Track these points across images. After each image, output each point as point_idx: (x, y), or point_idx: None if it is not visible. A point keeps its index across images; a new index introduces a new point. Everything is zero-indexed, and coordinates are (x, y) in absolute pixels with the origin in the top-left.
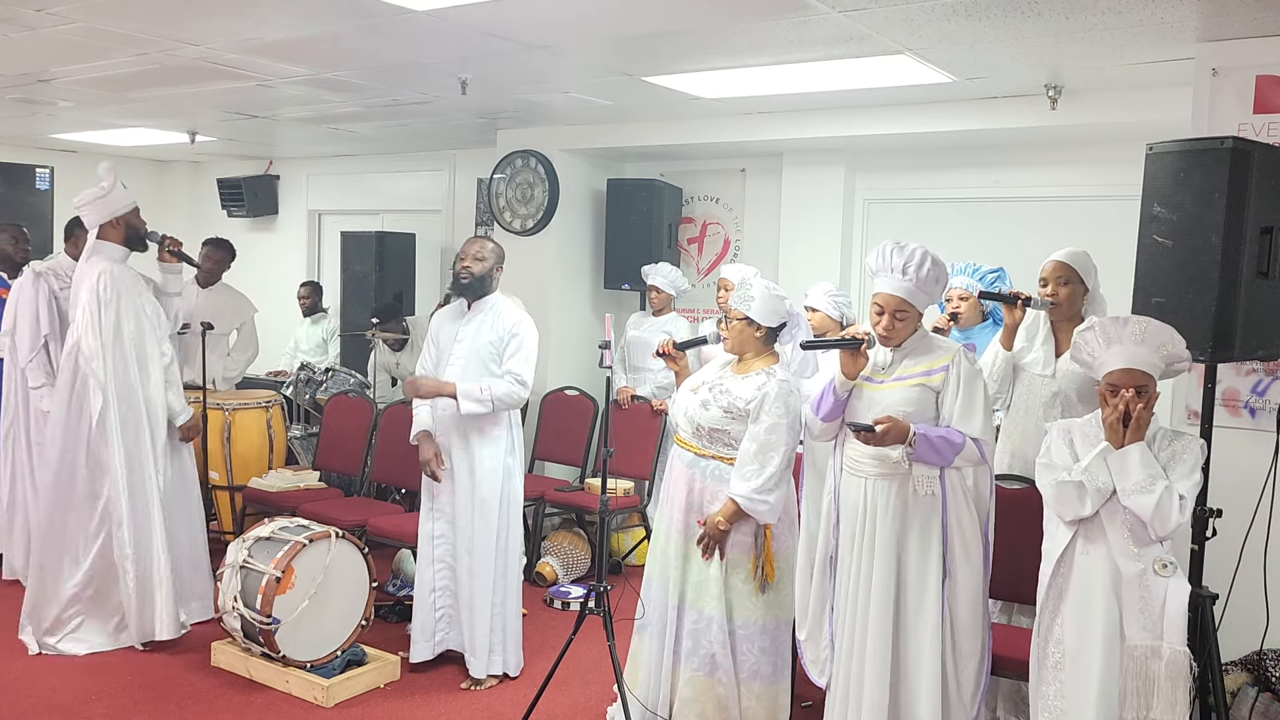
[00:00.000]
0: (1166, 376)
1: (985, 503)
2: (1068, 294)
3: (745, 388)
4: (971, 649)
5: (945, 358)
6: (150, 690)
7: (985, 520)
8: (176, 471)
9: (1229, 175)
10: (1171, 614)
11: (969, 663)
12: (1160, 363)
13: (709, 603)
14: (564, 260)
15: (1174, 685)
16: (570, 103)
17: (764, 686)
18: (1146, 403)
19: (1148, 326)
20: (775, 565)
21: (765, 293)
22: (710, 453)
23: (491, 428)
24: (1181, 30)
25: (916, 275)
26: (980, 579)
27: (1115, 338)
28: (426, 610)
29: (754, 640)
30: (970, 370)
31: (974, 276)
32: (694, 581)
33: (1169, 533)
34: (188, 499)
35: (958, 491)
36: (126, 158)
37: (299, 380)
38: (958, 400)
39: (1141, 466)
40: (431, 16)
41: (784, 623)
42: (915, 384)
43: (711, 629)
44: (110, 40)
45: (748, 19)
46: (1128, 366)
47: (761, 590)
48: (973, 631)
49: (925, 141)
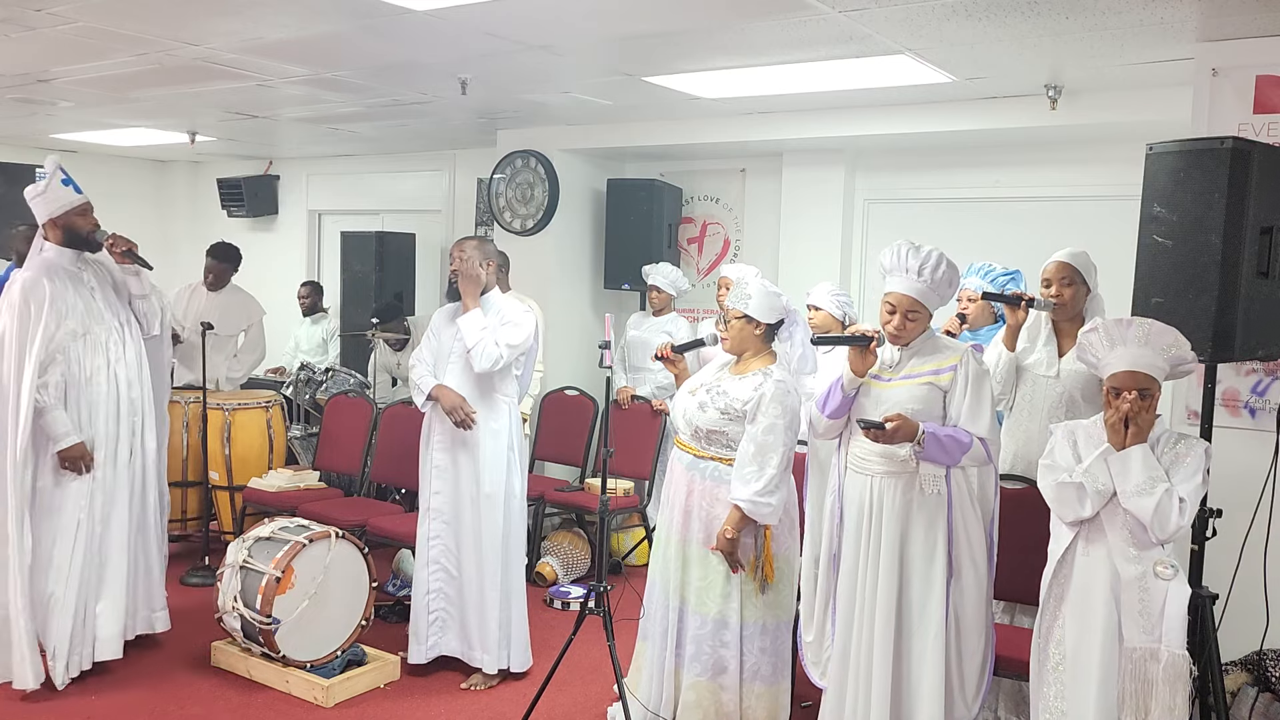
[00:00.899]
0: (1171, 378)
1: (990, 503)
2: (1072, 294)
3: (742, 388)
4: (975, 648)
5: (953, 358)
6: (150, 690)
7: (990, 520)
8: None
9: (1229, 175)
10: (1171, 617)
11: (972, 662)
12: (1165, 365)
13: (713, 605)
14: (564, 260)
15: (1172, 688)
16: (570, 103)
17: (765, 687)
18: (1149, 405)
19: (1151, 328)
20: (775, 566)
21: (762, 290)
22: (709, 454)
23: (493, 422)
24: (1181, 30)
25: (931, 277)
26: (985, 579)
27: (1119, 339)
28: (421, 614)
29: (754, 640)
30: (978, 371)
31: (986, 278)
32: (695, 586)
33: (1169, 536)
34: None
35: (963, 491)
36: (126, 158)
37: (299, 380)
38: (965, 400)
39: (1143, 469)
40: (431, 16)
41: (784, 623)
42: (923, 383)
43: (717, 632)
44: (110, 40)
45: (748, 19)
46: (1131, 369)
47: (761, 590)
48: (977, 631)
49: (925, 141)
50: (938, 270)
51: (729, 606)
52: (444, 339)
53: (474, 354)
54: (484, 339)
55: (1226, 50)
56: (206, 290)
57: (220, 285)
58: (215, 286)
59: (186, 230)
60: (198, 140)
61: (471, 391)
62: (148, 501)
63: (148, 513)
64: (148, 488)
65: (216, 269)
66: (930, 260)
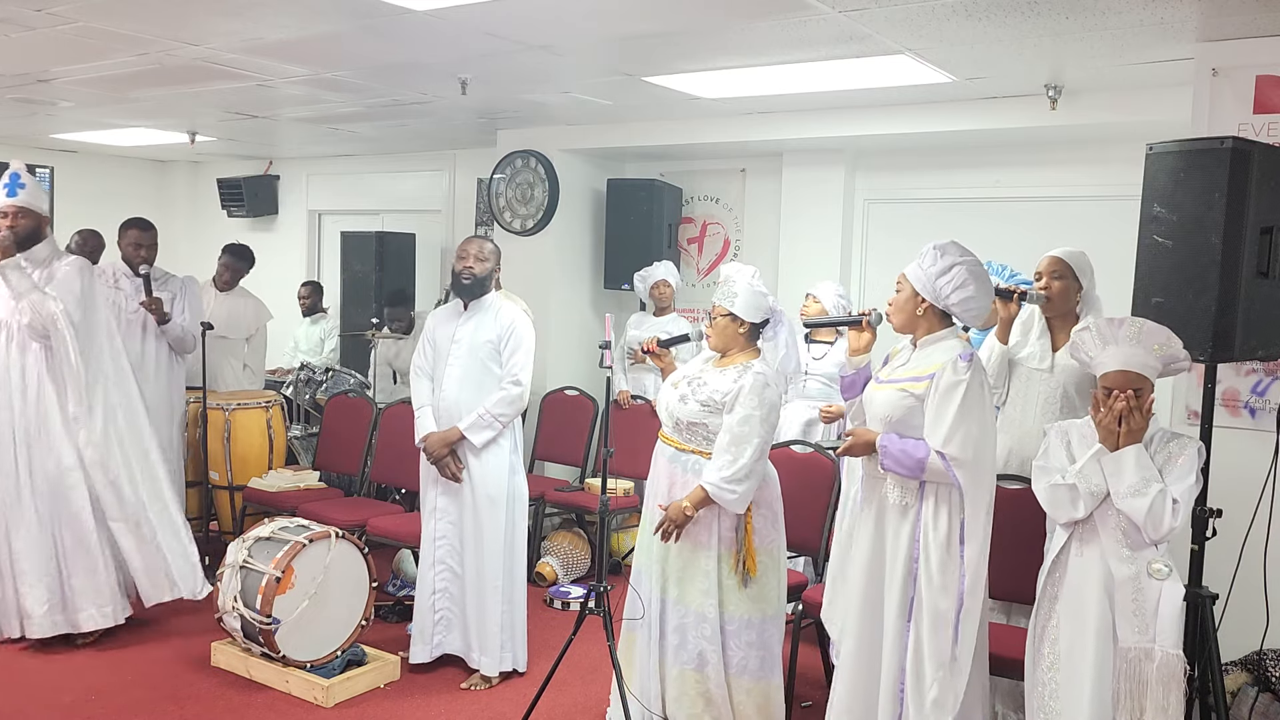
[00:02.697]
0: (1165, 376)
1: (959, 519)
2: (1059, 289)
3: (722, 381)
4: (938, 664)
5: (936, 365)
6: (150, 690)
7: (959, 536)
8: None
9: (1229, 175)
10: (1164, 617)
11: (934, 676)
12: (1157, 363)
13: (695, 597)
14: (564, 260)
15: (1165, 688)
16: (570, 103)
17: (752, 682)
18: (1143, 406)
19: (1143, 327)
20: (757, 559)
21: (749, 289)
22: (690, 447)
23: None
24: (1181, 30)
25: (920, 265)
26: (952, 599)
27: (1111, 338)
28: (426, 613)
29: (740, 635)
30: (951, 381)
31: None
32: (675, 577)
33: (1162, 536)
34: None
35: (930, 503)
36: (126, 158)
37: (299, 380)
38: (931, 411)
39: (1136, 469)
40: (431, 16)
41: (770, 618)
42: (900, 389)
43: (699, 624)
44: (110, 40)
45: (748, 19)
46: (1123, 368)
47: (744, 584)
48: (935, 649)
49: (925, 141)
50: (925, 259)
51: (707, 602)
52: (440, 340)
53: (509, 419)
54: (493, 414)
55: (1226, 50)
56: (215, 291)
57: (232, 285)
58: (228, 287)
59: (186, 230)
60: (198, 140)
61: (472, 395)
62: (69, 503)
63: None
64: (65, 492)
65: (234, 267)
66: (928, 249)
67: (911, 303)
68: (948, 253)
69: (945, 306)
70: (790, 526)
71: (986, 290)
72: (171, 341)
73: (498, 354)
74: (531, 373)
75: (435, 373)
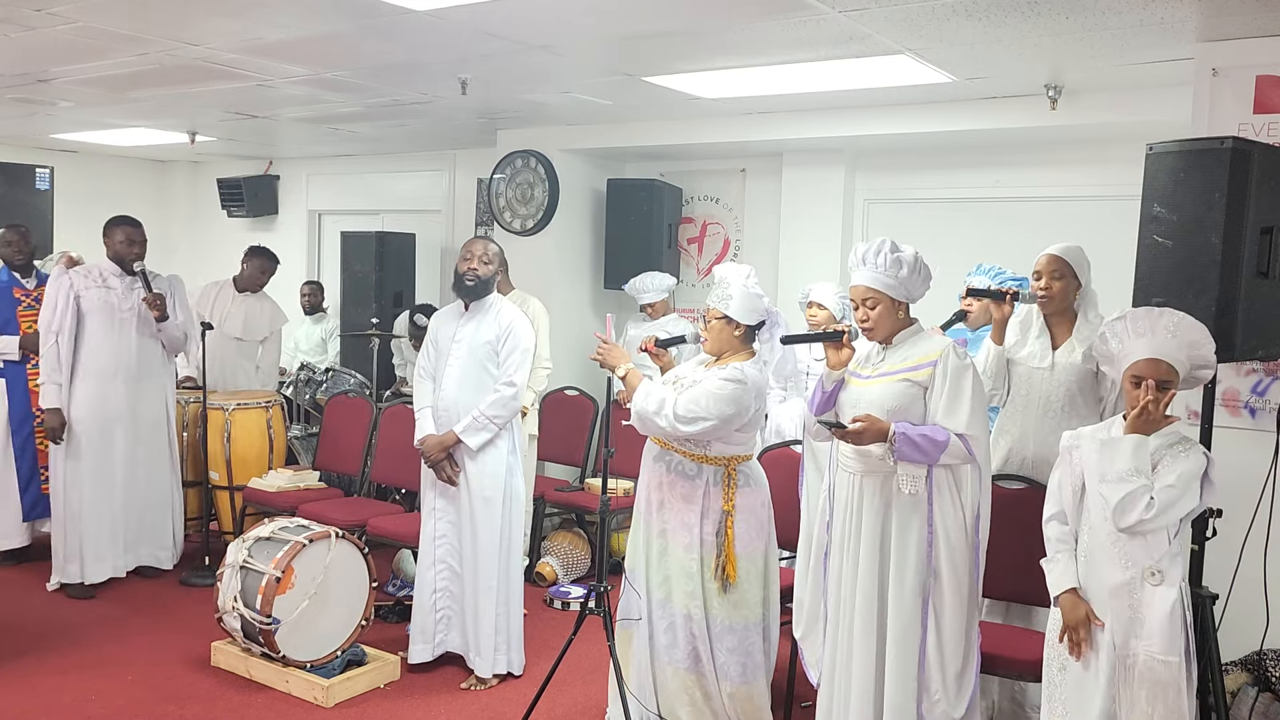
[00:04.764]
0: (1188, 382)
1: (973, 502)
2: (1060, 288)
3: (712, 380)
4: (955, 652)
5: (934, 353)
6: (150, 690)
7: (975, 520)
8: None
9: (1229, 175)
10: (1161, 623)
11: (953, 665)
12: (1186, 361)
13: (680, 599)
14: (564, 260)
15: (1165, 694)
16: (570, 103)
17: (734, 687)
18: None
19: (1181, 321)
20: (739, 566)
21: (744, 291)
22: (673, 445)
23: None
24: (1181, 30)
25: (876, 262)
26: (966, 582)
27: (1147, 329)
28: (426, 612)
29: (722, 639)
30: (958, 365)
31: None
32: (661, 577)
33: (1126, 526)
34: None
35: (944, 491)
36: (126, 158)
37: (299, 380)
38: (944, 395)
39: (1131, 458)
40: (431, 16)
41: (751, 625)
42: (900, 379)
43: (687, 624)
44: (110, 40)
45: (748, 19)
46: (1153, 356)
47: (724, 590)
48: (956, 635)
49: (925, 141)
50: (879, 255)
51: (692, 604)
52: (441, 340)
53: (505, 421)
54: (488, 416)
55: (1226, 50)
56: (234, 291)
57: (261, 288)
58: (255, 289)
59: (186, 230)
60: (198, 140)
61: (471, 395)
62: None
63: None
64: None
65: (268, 269)
66: (873, 246)
67: (891, 312)
68: (897, 250)
69: (915, 299)
70: (791, 526)
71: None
72: (167, 340)
73: (496, 355)
74: (529, 373)
75: (436, 373)
